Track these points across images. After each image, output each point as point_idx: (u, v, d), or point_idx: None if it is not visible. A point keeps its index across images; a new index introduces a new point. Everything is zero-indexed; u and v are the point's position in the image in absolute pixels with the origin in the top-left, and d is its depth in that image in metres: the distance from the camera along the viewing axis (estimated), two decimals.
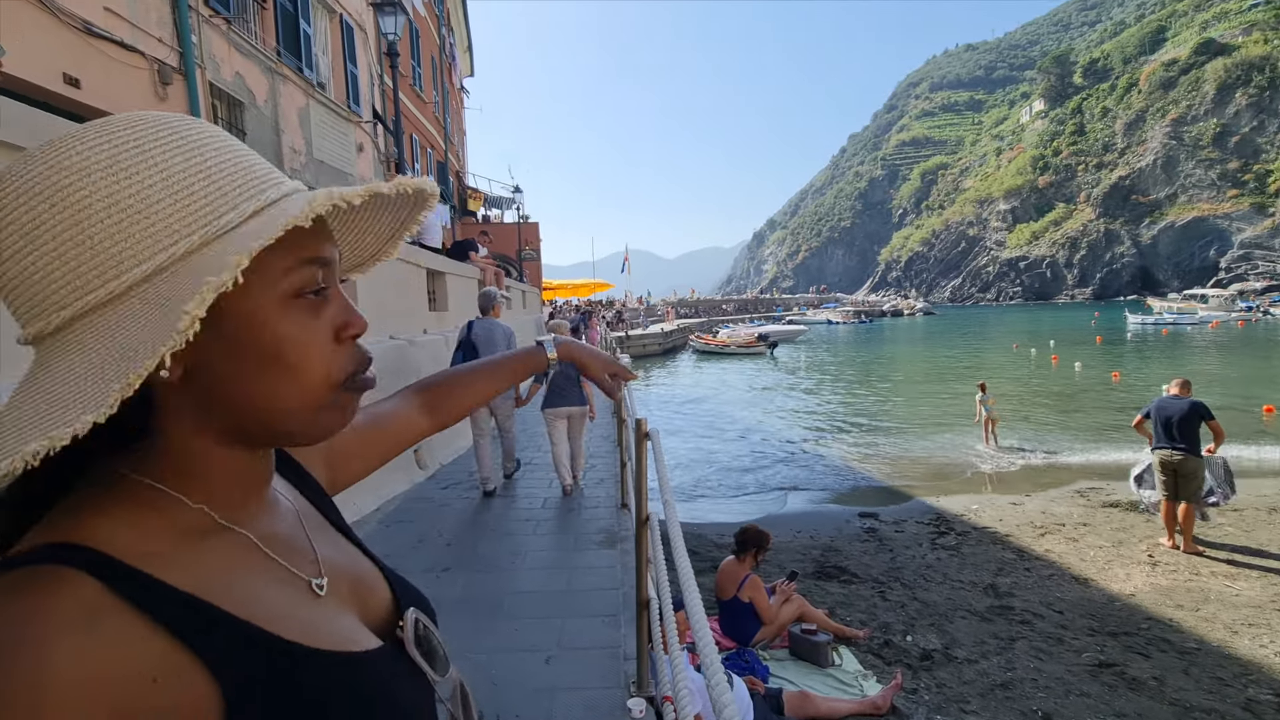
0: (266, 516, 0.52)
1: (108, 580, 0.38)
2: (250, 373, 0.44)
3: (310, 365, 0.46)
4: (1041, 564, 5.92)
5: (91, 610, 0.36)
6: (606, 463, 6.66)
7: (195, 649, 0.39)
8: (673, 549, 1.81)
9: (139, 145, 0.41)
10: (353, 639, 0.50)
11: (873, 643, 4.42)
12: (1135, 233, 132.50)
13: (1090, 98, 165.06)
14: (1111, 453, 10.30)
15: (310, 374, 0.46)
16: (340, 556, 0.57)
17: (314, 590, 0.51)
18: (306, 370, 0.45)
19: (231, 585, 0.44)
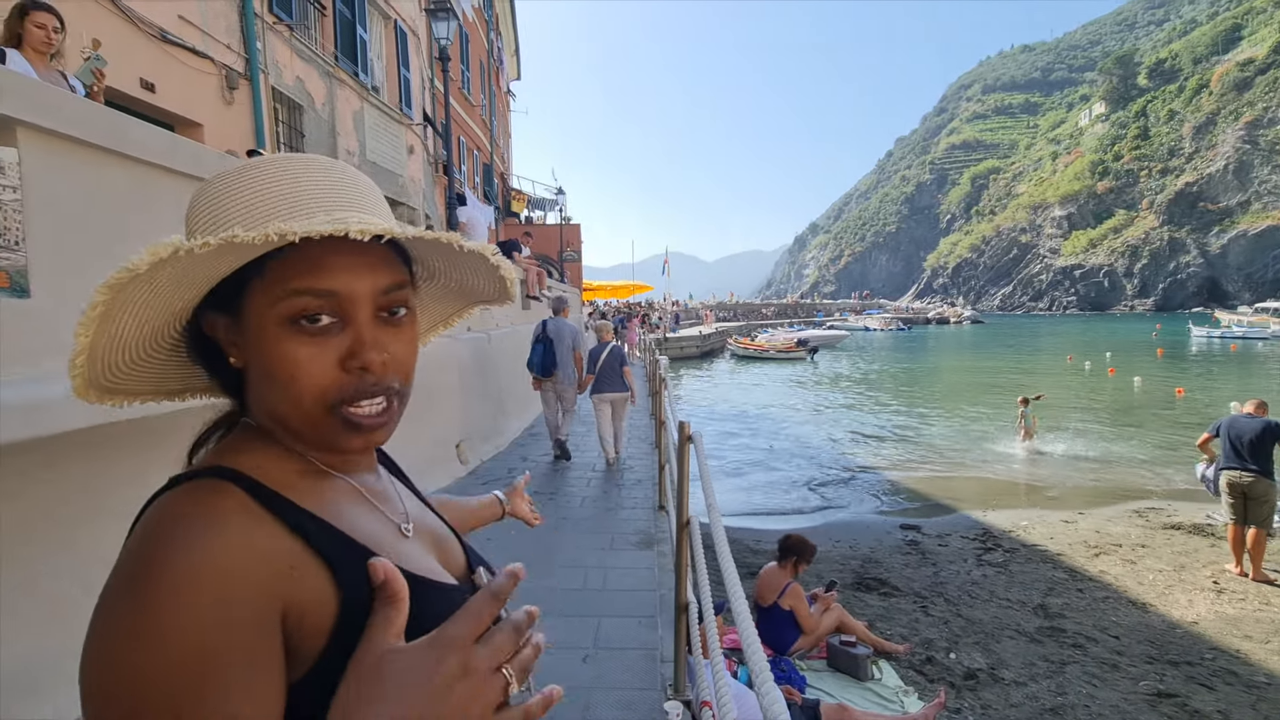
0: (367, 474, 0.62)
1: (253, 494, 0.49)
2: (258, 379, 0.54)
3: (299, 384, 0.52)
4: (1095, 586, 5.66)
5: (245, 508, 0.48)
6: (644, 464, 6.67)
7: (323, 555, 0.49)
8: (718, 554, 1.80)
9: (240, 177, 0.55)
10: (438, 573, 0.59)
11: (914, 658, 4.30)
12: (1203, 241, 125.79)
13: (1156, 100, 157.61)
14: (1173, 473, 9.79)
15: (299, 392, 0.52)
16: (425, 516, 0.68)
17: (403, 532, 0.60)
18: (295, 388, 0.52)
19: (342, 514, 0.54)
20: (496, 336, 7.73)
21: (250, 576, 0.44)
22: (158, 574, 0.42)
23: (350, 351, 0.53)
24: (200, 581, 0.42)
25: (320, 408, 0.52)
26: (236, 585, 0.43)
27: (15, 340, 1.88)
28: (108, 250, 2.22)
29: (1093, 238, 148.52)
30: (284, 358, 0.51)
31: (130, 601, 0.41)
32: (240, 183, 0.54)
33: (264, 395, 0.54)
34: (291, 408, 0.53)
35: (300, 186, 0.54)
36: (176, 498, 0.48)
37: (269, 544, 0.47)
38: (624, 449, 6.85)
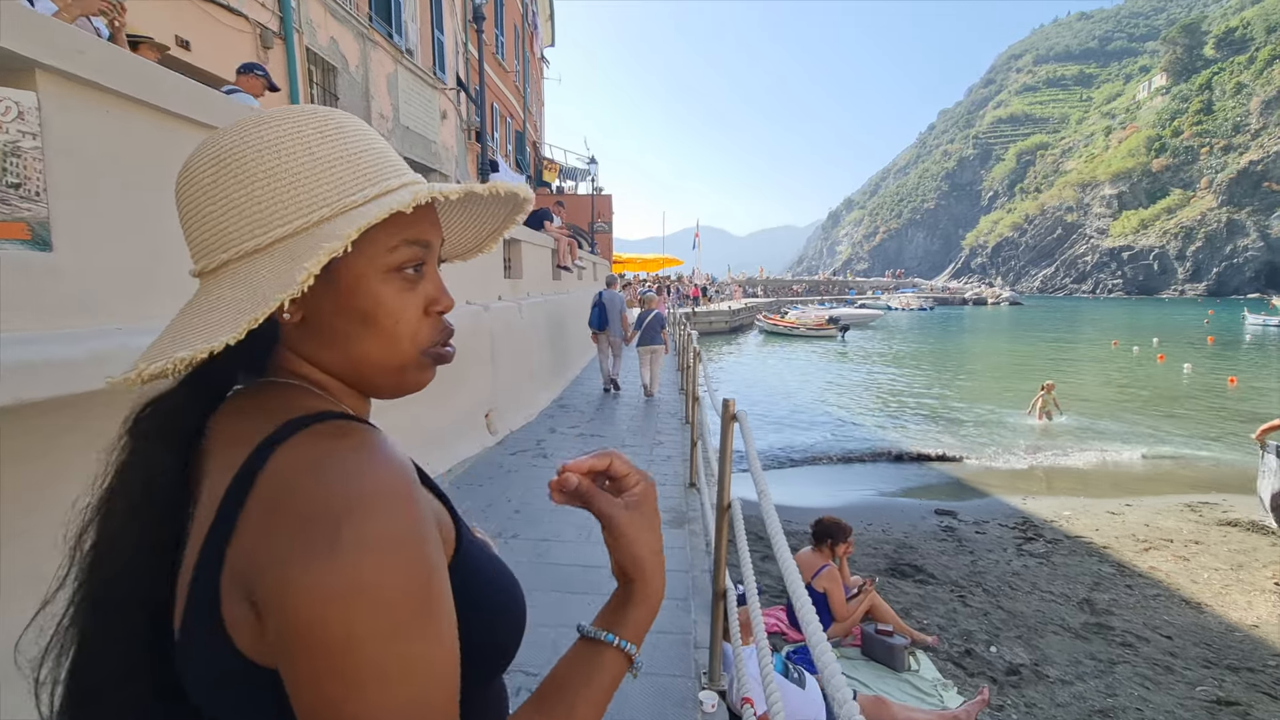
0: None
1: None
2: (350, 328, 0.53)
3: (399, 330, 0.54)
4: (1145, 582, 5.41)
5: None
6: (674, 440, 6.55)
7: (438, 494, 0.55)
8: (771, 542, 1.66)
9: (299, 132, 0.51)
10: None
11: (952, 650, 4.15)
12: (1264, 224, 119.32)
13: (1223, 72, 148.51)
14: (1227, 466, 9.32)
15: (398, 338, 0.54)
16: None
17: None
18: (395, 334, 0.54)
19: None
20: (527, 306, 7.62)
21: (427, 501, 0.49)
22: (375, 494, 0.42)
23: (433, 298, 0.56)
24: (412, 499, 0.44)
25: (414, 350, 0.55)
26: (425, 505, 0.47)
27: (38, 296, 1.81)
28: (133, 204, 2.13)
29: (1144, 218, 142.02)
30: (389, 305, 0.53)
31: (363, 523, 0.41)
32: (324, 143, 0.52)
33: (348, 344, 0.53)
34: (388, 353, 0.54)
35: (376, 143, 0.55)
36: (339, 431, 0.48)
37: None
38: (657, 389, 9.03)
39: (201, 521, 0.46)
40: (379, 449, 0.46)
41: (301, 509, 0.41)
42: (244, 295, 0.48)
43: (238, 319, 0.46)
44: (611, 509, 0.58)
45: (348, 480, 0.42)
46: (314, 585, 0.39)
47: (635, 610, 0.58)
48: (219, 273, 0.51)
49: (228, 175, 0.49)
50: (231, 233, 0.50)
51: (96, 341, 1.88)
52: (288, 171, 0.50)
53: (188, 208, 0.51)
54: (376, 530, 0.41)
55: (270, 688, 0.42)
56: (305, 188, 0.50)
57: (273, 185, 0.49)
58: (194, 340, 0.47)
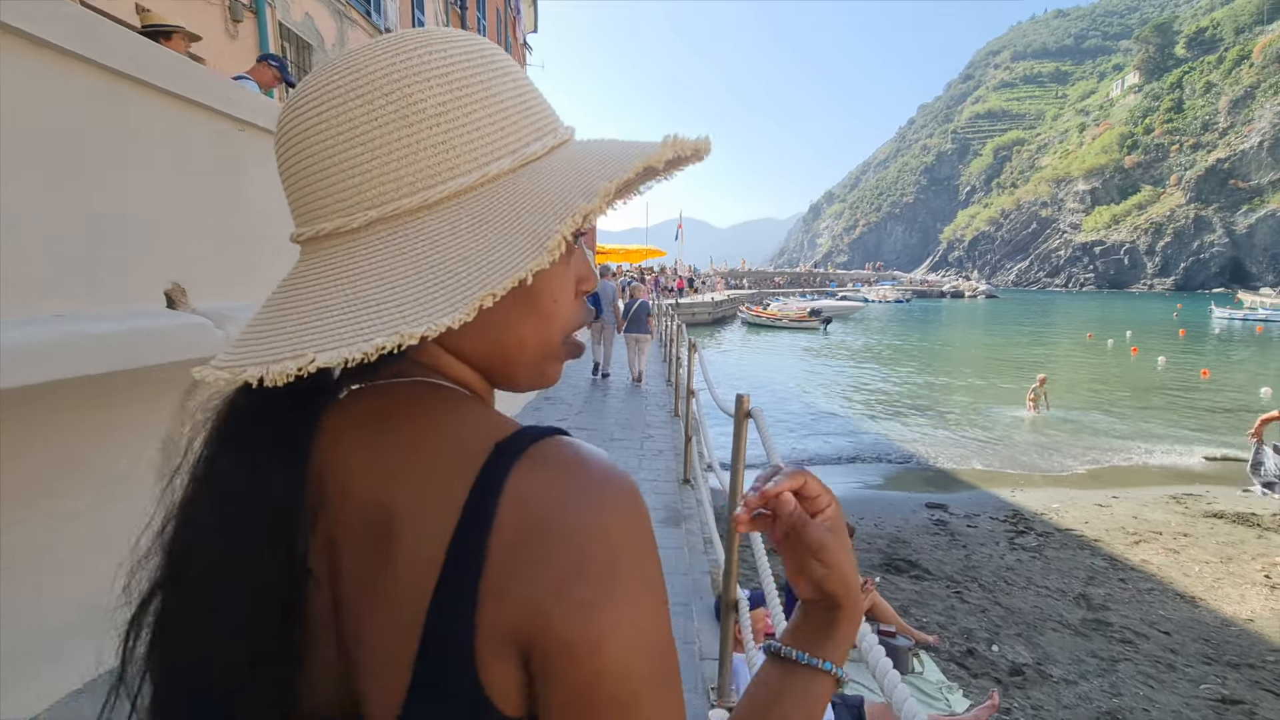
0: None
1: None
2: (513, 311, 0.43)
3: (558, 315, 0.46)
4: (1138, 576, 5.39)
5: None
6: (664, 433, 6.39)
7: None
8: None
9: (470, 60, 0.42)
10: None
11: (953, 650, 4.05)
12: (1230, 220, 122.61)
13: (1193, 71, 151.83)
14: (1205, 458, 9.43)
15: (555, 323, 0.46)
16: None
17: None
18: (554, 319, 0.46)
19: None
20: None
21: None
22: (643, 530, 0.38)
23: (583, 274, 0.48)
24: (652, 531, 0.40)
25: (561, 335, 0.47)
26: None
27: None
28: (74, 169, 1.88)
29: (1116, 213, 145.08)
30: (554, 282, 0.45)
31: (644, 563, 0.37)
32: (497, 78, 0.43)
33: (506, 330, 0.44)
34: (542, 340, 0.46)
35: (531, 83, 0.47)
36: (575, 455, 0.40)
37: None
38: (645, 377, 9.37)
39: (408, 568, 0.37)
40: (619, 470, 0.40)
41: (585, 549, 0.36)
42: (435, 264, 0.39)
43: (443, 296, 0.37)
44: (824, 536, 0.50)
45: (620, 512, 0.38)
46: (611, 633, 0.35)
47: (843, 632, 0.52)
48: (360, 235, 0.41)
49: (389, 110, 0.39)
50: (387, 184, 0.40)
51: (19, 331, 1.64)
52: (461, 108, 0.41)
53: (315, 151, 0.40)
54: (652, 570, 0.38)
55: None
56: (481, 131, 0.41)
57: (445, 125, 0.40)
58: (384, 320, 0.36)
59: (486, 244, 0.39)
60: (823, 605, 0.52)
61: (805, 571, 0.51)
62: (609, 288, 9.65)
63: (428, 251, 0.39)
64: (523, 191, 0.41)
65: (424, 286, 0.38)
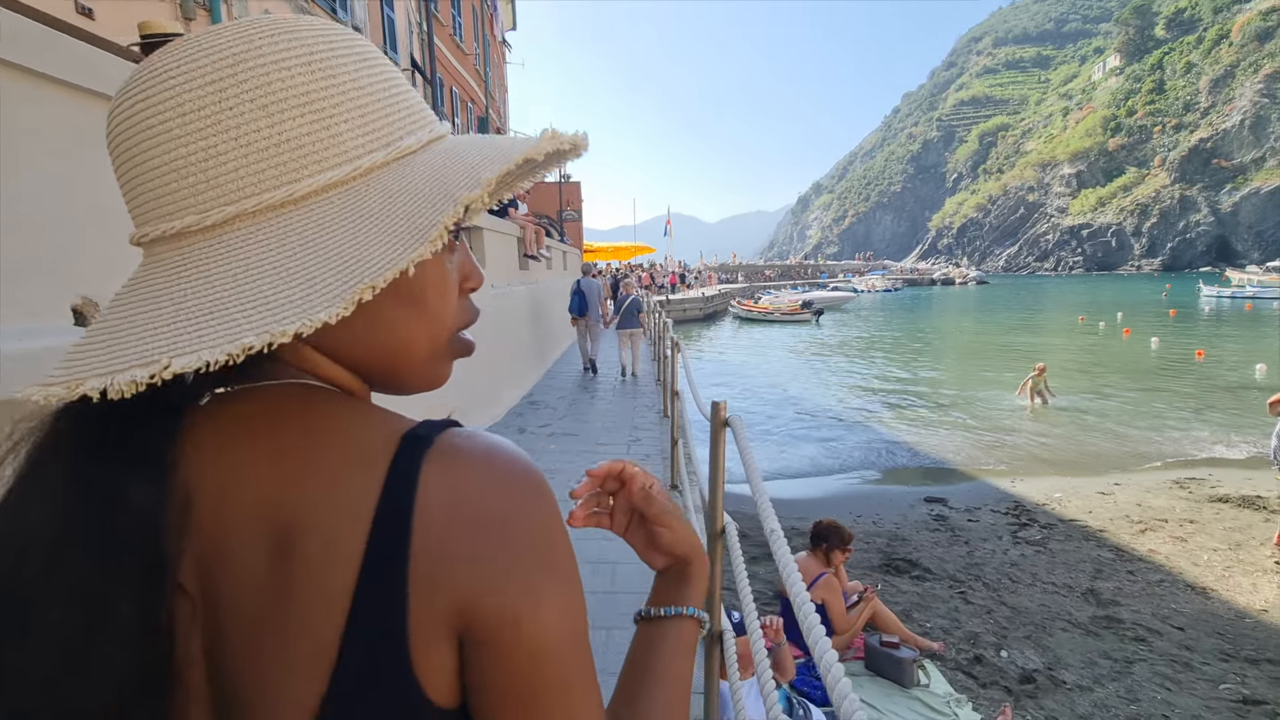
0: None
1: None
2: (393, 308, 0.42)
3: (443, 312, 0.45)
4: (1146, 567, 5.20)
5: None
6: (652, 436, 6.16)
7: None
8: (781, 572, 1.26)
9: (334, 50, 0.40)
10: None
11: (960, 657, 3.84)
12: (1214, 200, 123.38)
13: (1173, 52, 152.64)
14: (1207, 439, 9.27)
15: (442, 322, 0.45)
16: None
17: None
18: (439, 317, 0.45)
19: None
20: (493, 297, 7.12)
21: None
22: (554, 507, 0.40)
23: (467, 272, 0.47)
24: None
25: (448, 335, 0.46)
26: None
27: None
28: None
29: (1101, 196, 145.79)
30: (437, 279, 0.44)
31: (562, 539, 0.40)
32: (365, 68, 0.41)
33: (392, 331, 0.42)
34: (429, 340, 0.44)
35: (400, 74, 0.45)
36: (484, 442, 0.40)
37: None
38: (639, 368, 9.59)
39: (315, 577, 0.35)
40: (522, 453, 0.41)
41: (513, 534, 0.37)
42: (308, 261, 0.36)
43: (330, 288, 0.35)
44: (665, 505, 0.57)
45: (534, 494, 0.39)
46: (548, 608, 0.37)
47: (697, 584, 0.58)
48: (216, 233, 0.38)
49: (245, 99, 0.37)
50: (247, 178, 0.37)
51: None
52: (328, 99, 0.39)
53: (160, 143, 0.37)
54: (570, 552, 0.40)
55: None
56: (350, 124, 0.39)
57: (310, 116, 0.38)
58: (251, 320, 0.34)
59: (364, 237, 0.37)
60: (676, 567, 0.58)
61: (655, 544, 0.57)
62: (594, 286, 9.61)
63: (297, 247, 0.37)
64: (399, 184, 0.40)
65: (295, 283, 0.36)
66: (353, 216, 0.38)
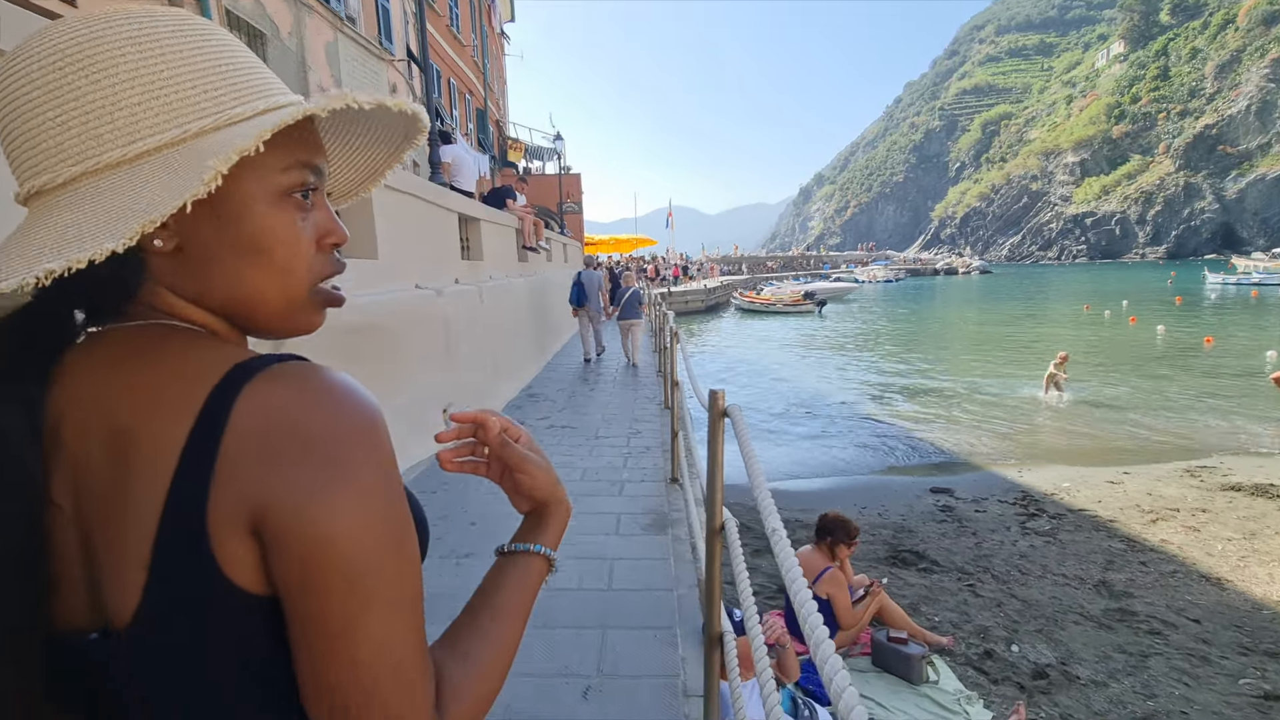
0: None
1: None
2: (239, 260, 0.47)
3: (291, 263, 0.49)
4: (1159, 558, 5.08)
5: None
6: (653, 428, 6.04)
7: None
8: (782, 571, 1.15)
9: (164, 30, 0.45)
10: None
11: (970, 653, 3.73)
12: (1219, 186, 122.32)
13: (1178, 38, 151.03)
14: (1218, 427, 9.13)
15: (291, 271, 0.49)
16: None
17: None
18: (287, 266, 0.49)
19: None
20: (489, 290, 6.99)
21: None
22: (368, 423, 0.43)
23: (326, 229, 0.52)
24: (386, 427, 0.45)
25: (305, 286, 0.51)
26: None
27: None
28: None
29: (1106, 184, 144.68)
30: (283, 233, 0.49)
31: (365, 450, 0.43)
32: (199, 46, 0.46)
33: (237, 279, 0.48)
34: (281, 289, 0.49)
35: (251, 56, 0.51)
36: (309, 369, 0.45)
37: None
38: (639, 357, 9.76)
39: (144, 474, 0.41)
40: (352, 383, 0.45)
41: (308, 441, 0.41)
42: (119, 206, 0.42)
43: (115, 229, 0.41)
44: (525, 453, 0.62)
45: (341, 412, 0.43)
46: (335, 509, 0.41)
47: (554, 525, 0.63)
48: (66, 189, 0.44)
49: (79, 74, 0.43)
50: (87, 140, 0.43)
51: None
52: (157, 73, 0.44)
53: (17, 112, 0.44)
54: (375, 456, 0.43)
55: (263, 613, 0.43)
56: (180, 93, 0.45)
57: (140, 87, 0.43)
58: (64, 252, 0.41)
59: (161, 185, 0.43)
60: (537, 511, 0.64)
61: (519, 488, 0.63)
62: (594, 278, 9.87)
63: (113, 196, 0.43)
64: (208, 143, 0.44)
65: (100, 223, 0.42)
66: (163, 169, 0.43)
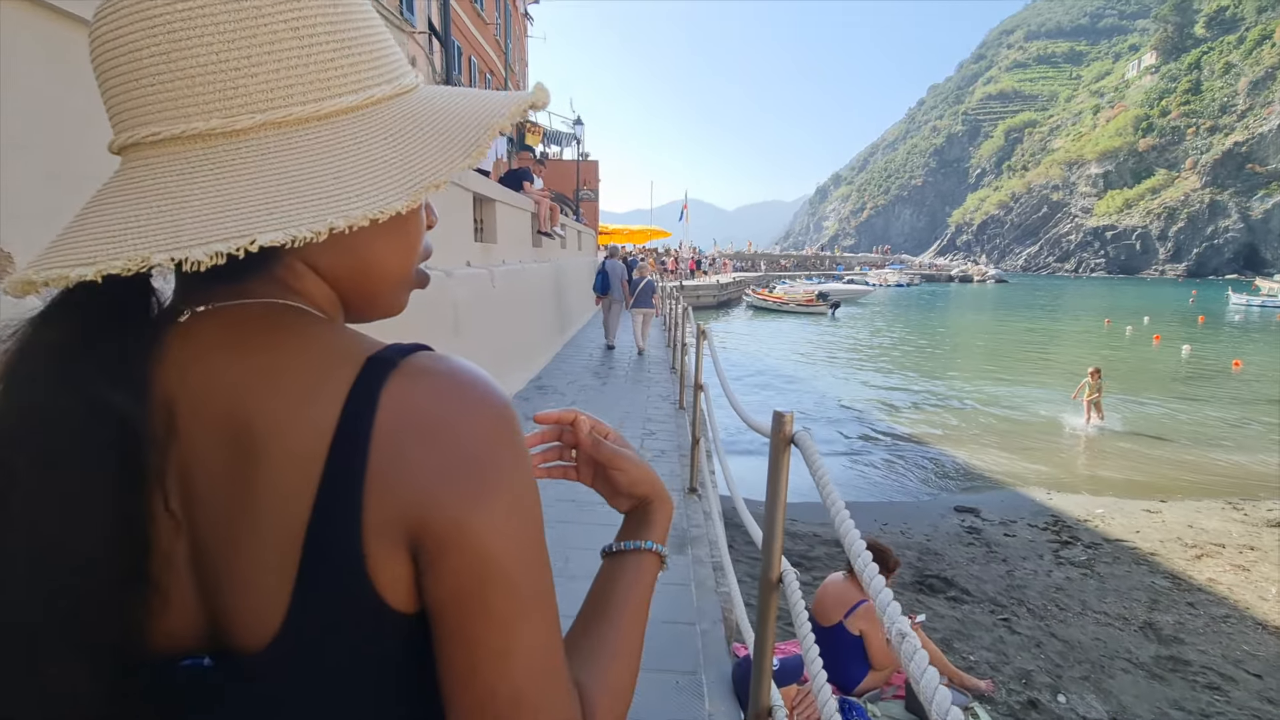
0: None
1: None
2: (388, 234, 0.45)
3: (418, 244, 0.48)
4: (1208, 599, 4.72)
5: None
6: (668, 429, 5.72)
7: None
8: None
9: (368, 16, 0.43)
10: None
11: (1012, 700, 3.40)
12: (1245, 205, 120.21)
13: (1212, 51, 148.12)
14: (1259, 458, 8.71)
15: (415, 252, 0.48)
16: None
17: None
18: (415, 247, 0.48)
19: None
20: (502, 274, 6.67)
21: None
22: (514, 427, 0.42)
23: (429, 209, 0.51)
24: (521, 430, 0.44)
25: (414, 265, 0.49)
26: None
27: None
28: None
29: (1129, 198, 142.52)
30: (416, 214, 0.48)
31: (517, 456, 0.41)
32: (367, 12, 0.44)
33: (373, 252, 0.45)
34: (404, 265, 0.48)
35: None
36: (450, 365, 0.42)
37: None
38: (647, 346, 10.05)
39: (281, 477, 0.37)
40: (487, 375, 0.43)
41: (462, 445, 0.39)
42: (363, 165, 0.39)
43: (396, 181, 0.39)
44: (619, 450, 0.59)
45: (491, 411, 0.41)
46: (494, 520, 0.39)
47: (661, 519, 0.60)
48: (244, 136, 0.39)
49: (278, 16, 0.38)
50: (279, 89, 0.39)
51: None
52: (348, 30, 0.41)
53: (193, 44, 0.37)
54: (522, 459, 0.41)
55: (410, 633, 0.40)
56: (363, 57, 0.42)
57: (335, 44, 0.40)
58: (326, 206, 0.37)
59: (406, 151, 0.41)
60: (640, 508, 0.60)
61: (616, 487, 0.59)
62: (618, 267, 10.12)
63: (339, 154, 0.39)
64: (416, 113, 0.43)
65: (349, 180, 0.38)
66: (383, 135, 0.41)
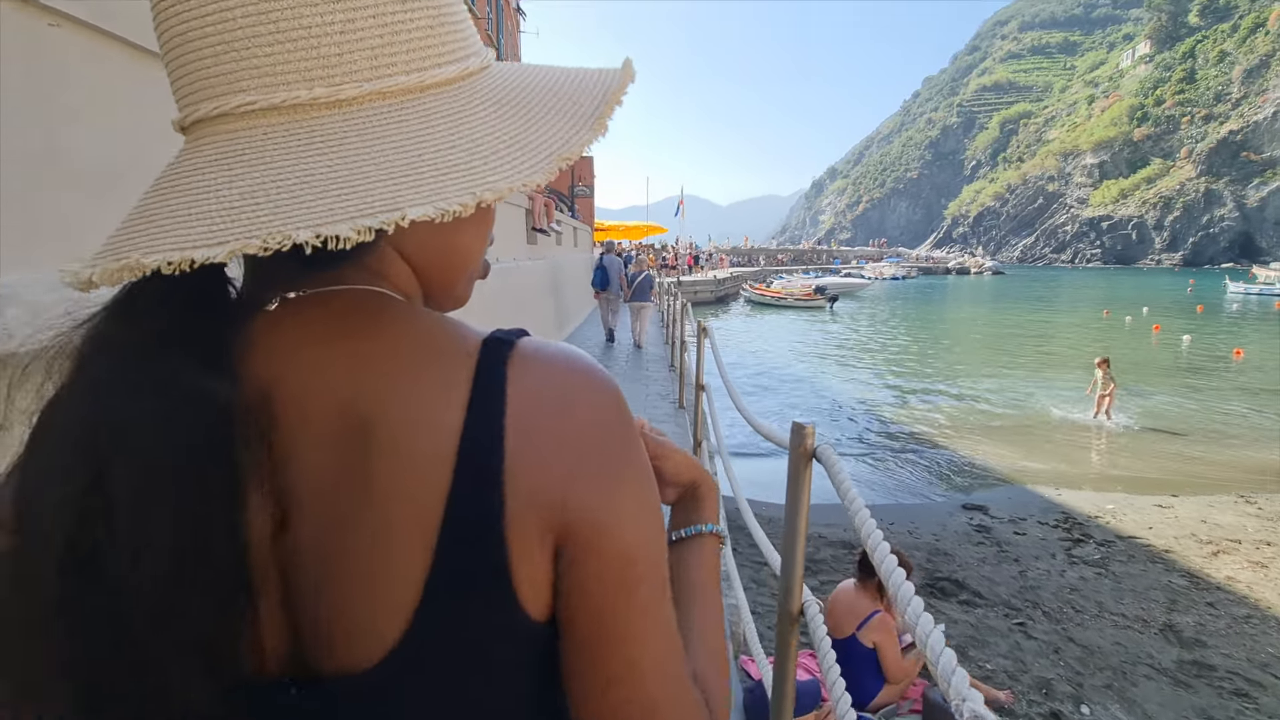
0: None
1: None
2: (472, 221, 0.44)
3: (489, 229, 0.47)
4: (1228, 598, 4.58)
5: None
6: (667, 428, 5.53)
7: None
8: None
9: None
10: None
11: (1033, 712, 3.25)
12: (1240, 194, 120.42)
13: (1206, 40, 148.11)
14: (1267, 451, 8.57)
15: (485, 238, 0.47)
16: None
17: None
18: (486, 233, 0.47)
19: None
20: (495, 272, 6.49)
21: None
22: (630, 415, 0.41)
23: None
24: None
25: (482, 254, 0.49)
26: None
27: None
28: None
29: (1124, 188, 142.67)
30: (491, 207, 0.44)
31: (640, 449, 0.41)
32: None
33: (458, 239, 0.44)
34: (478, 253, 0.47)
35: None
36: (561, 350, 0.41)
37: None
38: (645, 340, 10.31)
39: (404, 473, 0.34)
40: (603, 368, 0.42)
41: (594, 436, 0.38)
42: (483, 135, 0.38)
43: (530, 157, 0.37)
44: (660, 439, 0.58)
45: (612, 399, 0.40)
46: (632, 518, 0.38)
47: (710, 501, 0.59)
48: (347, 105, 0.36)
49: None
50: (384, 58, 0.37)
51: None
52: (441, 2, 0.40)
53: (290, 6, 0.34)
54: (642, 448, 0.41)
55: (543, 643, 0.38)
56: (457, 29, 0.41)
57: (433, 13, 0.39)
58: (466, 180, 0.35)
59: (524, 123, 0.39)
60: (687, 494, 0.59)
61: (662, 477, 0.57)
62: (616, 263, 10.26)
63: (457, 126, 0.38)
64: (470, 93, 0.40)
65: (485, 153, 0.37)
66: (494, 106, 0.40)
